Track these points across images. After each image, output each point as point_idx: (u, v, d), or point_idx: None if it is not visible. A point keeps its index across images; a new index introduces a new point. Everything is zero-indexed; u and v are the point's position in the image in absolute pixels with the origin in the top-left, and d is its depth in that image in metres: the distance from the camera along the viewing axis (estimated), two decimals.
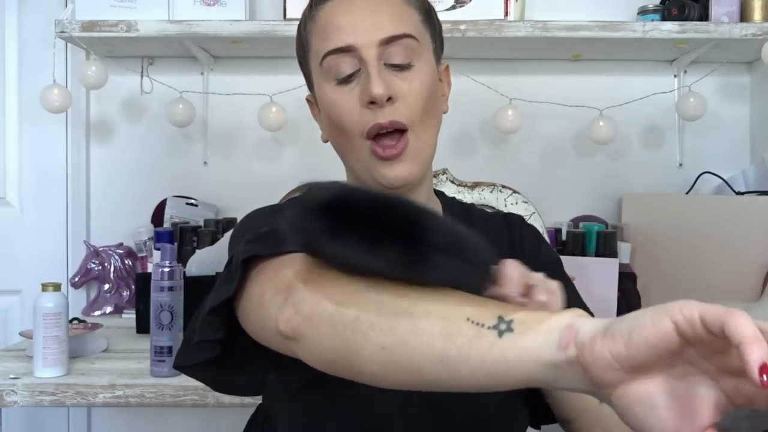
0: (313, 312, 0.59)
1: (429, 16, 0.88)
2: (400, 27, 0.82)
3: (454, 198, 0.99)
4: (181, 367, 0.76)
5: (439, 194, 0.98)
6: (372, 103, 0.80)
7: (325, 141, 0.90)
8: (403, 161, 0.83)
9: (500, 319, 0.51)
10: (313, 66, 0.86)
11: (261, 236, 0.72)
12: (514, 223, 0.97)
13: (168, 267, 1.25)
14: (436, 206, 0.94)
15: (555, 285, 0.66)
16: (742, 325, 0.41)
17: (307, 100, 0.93)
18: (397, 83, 0.81)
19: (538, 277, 0.66)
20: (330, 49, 0.82)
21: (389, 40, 0.81)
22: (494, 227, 0.96)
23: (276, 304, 0.63)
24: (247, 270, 0.70)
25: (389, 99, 0.80)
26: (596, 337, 0.46)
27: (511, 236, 0.95)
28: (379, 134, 0.81)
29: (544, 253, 0.96)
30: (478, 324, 0.52)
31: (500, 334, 0.50)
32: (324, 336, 0.58)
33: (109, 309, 1.83)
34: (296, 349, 0.62)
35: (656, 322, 0.44)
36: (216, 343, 0.72)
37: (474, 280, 0.59)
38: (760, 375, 0.40)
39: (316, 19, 0.85)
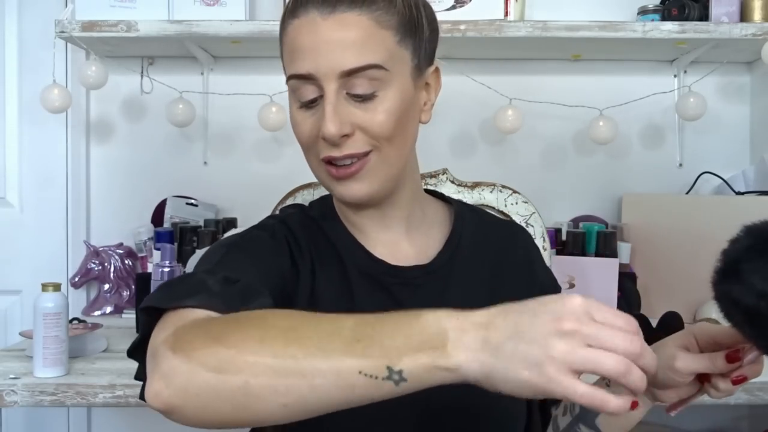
0: (189, 383, 0.59)
1: (410, 29, 0.82)
2: (365, 57, 0.77)
3: (461, 202, 0.98)
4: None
5: (448, 199, 0.96)
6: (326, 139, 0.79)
7: None
8: (360, 180, 0.81)
9: (390, 370, 0.55)
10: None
11: (169, 284, 0.72)
12: (530, 242, 0.99)
13: (168, 267, 1.26)
14: (426, 212, 0.92)
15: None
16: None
17: None
18: (358, 115, 0.79)
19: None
20: (292, 74, 0.80)
21: (351, 72, 0.77)
22: (507, 235, 0.97)
23: (147, 373, 0.63)
24: (158, 317, 0.69)
25: (345, 135, 0.79)
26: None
27: (528, 249, 0.97)
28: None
29: (549, 280, 0.99)
30: (371, 376, 0.56)
31: (396, 383, 0.55)
32: (207, 404, 0.59)
33: (109, 309, 1.83)
34: (171, 419, 0.61)
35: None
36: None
37: None
38: None
39: (285, 34, 0.82)
